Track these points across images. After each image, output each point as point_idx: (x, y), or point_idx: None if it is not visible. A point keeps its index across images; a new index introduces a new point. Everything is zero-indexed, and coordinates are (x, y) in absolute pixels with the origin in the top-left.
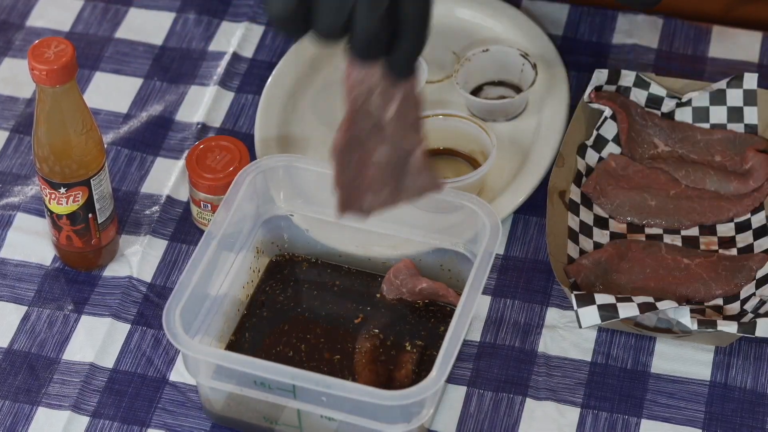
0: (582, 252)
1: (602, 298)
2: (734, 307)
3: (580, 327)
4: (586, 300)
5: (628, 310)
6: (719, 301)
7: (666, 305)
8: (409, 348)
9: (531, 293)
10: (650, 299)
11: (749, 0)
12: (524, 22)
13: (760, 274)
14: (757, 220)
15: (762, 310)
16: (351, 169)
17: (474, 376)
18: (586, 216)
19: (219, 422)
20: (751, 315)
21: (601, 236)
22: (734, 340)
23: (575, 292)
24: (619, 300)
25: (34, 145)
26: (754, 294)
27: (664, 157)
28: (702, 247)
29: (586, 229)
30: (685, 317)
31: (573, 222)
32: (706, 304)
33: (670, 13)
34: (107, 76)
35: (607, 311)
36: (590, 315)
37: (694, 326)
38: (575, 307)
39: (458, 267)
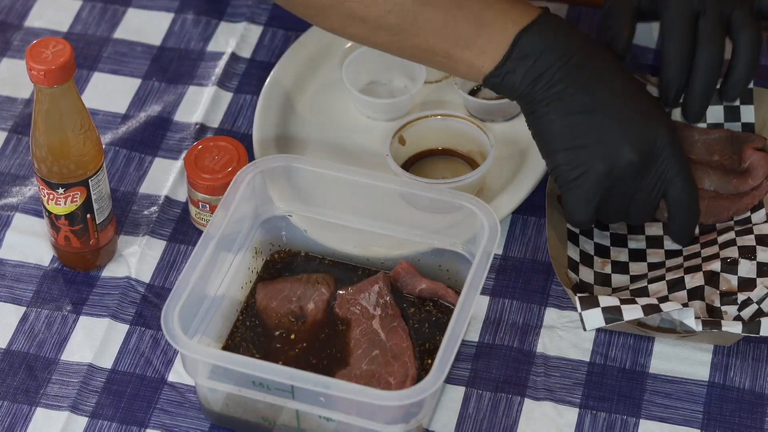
0: (582, 253)
1: (606, 301)
2: (734, 307)
3: (585, 330)
4: (590, 303)
5: (632, 313)
6: (717, 302)
7: (670, 307)
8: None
9: (529, 293)
10: (654, 301)
11: None
12: None
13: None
14: (758, 218)
15: (764, 304)
16: None
17: (472, 377)
18: None
19: (217, 423)
20: (755, 306)
21: (602, 237)
22: (736, 340)
23: (579, 295)
24: (623, 302)
25: (32, 145)
26: (754, 288)
27: None
28: None
29: (586, 230)
30: (689, 318)
31: None
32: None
33: None
34: (105, 76)
35: (612, 314)
36: (595, 318)
37: (699, 327)
38: (579, 310)
39: (457, 267)
